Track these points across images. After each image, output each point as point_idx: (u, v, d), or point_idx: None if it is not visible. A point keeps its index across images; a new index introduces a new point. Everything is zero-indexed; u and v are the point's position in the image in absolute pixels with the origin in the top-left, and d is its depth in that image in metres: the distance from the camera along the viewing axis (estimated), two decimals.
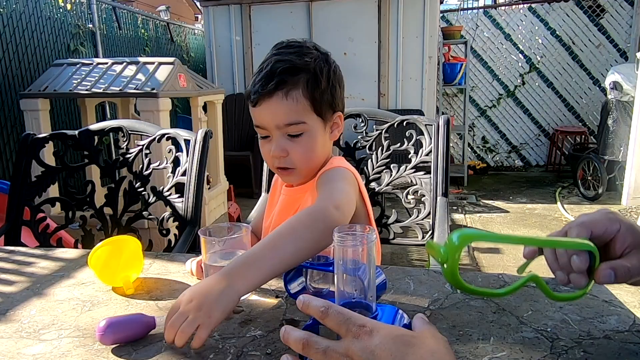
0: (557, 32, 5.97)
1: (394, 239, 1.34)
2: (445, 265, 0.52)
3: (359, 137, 1.42)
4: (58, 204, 1.57)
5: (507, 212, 4.39)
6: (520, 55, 6.15)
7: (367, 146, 1.41)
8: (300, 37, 1.02)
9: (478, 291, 0.57)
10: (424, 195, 1.35)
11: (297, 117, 0.92)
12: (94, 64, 3.30)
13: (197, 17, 10.75)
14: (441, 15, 5.97)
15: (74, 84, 3.11)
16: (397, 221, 1.34)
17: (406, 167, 1.38)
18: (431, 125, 1.38)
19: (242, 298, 0.76)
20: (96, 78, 3.14)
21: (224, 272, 0.67)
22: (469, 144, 6.40)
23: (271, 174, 1.30)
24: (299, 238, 0.72)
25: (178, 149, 1.42)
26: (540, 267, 0.62)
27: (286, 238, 0.72)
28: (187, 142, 1.43)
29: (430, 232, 1.32)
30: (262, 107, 0.92)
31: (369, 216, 1.02)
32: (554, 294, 0.60)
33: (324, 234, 0.72)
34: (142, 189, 1.44)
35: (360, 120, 1.44)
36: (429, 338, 0.48)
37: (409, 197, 1.35)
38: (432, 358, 0.46)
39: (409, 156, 1.39)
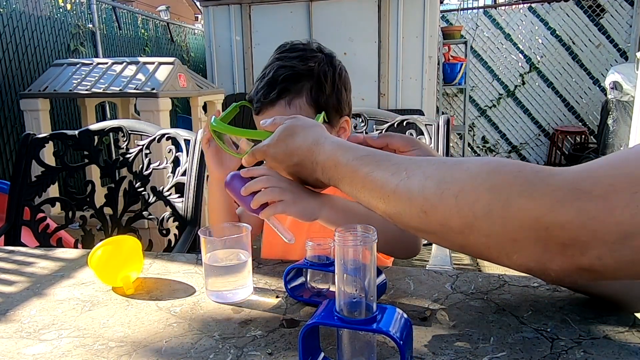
0: (557, 32, 5.97)
1: None
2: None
3: None
4: (58, 204, 1.57)
5: None
6: (520, 55, 6.15)
7: None
8: (300, 37, 1.01)
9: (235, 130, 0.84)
10: None
11: None
12: (94, 64, 3.30)
13: (197, 17, 10.75)
14: (441, 15, 5.97)
15: (74, 84, 3.11)
16: None
17: None
18: (431, 125, 1.38)
19: (242, 299, 0.76)
20: (96, 78, 3.14)
21: (322, 199, 0.76)
22: (469, 144, 6.40)
23: None
24: (387, 224, 0.80)
25: (178, 149, 1.42)
26: None
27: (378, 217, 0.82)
28: (187, 142, 1.43)
29: None
30: (265, 116, 0.91)
31: None
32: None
33: (401, 240, 0.83)
34: (142, 189, 1.44)
35: (360, 120, 1.44)
36: (298, 127, 0.72)
37: None
38: (297, 147, 0.70)
39: None
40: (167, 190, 1.42)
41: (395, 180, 0.58)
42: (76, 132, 1.51)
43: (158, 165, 1.44)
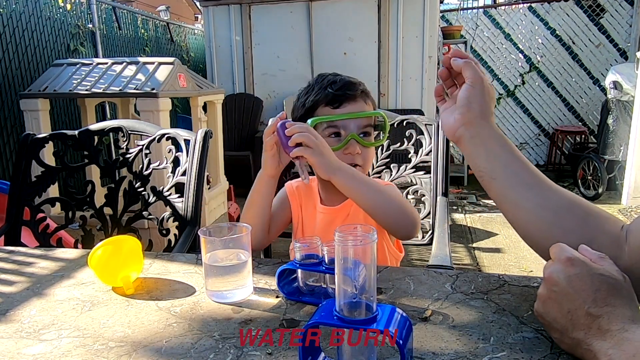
0: (557, 32, 5.96)
1: None
2: None
3: None
4: (58, 204, 1.57)
5: None
6: (520, 55, 6.15)
7: None
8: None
9: None
10: (424, 195, 1.35)
11: (371, 121, 1.06)
12: (94, 64, 3.30)
13: (197, 17, 10.75)
14: (441, 15, 5.97)
15: (74, 84, 3.10)
16: None
17: (406, 167, 1.38)
18: (431, 125, 1.38)
19: (242, 299, 0.76)
20: (96, 78, 3.14)
21: (341, 164, 0.92)
22: None
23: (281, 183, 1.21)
24: (391, 201, 0.94)
25: (178, 149, 1.42)
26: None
27: (385, 193, 0.94)
28: (187, 142, 1.43)
29: (430, 232, 1.32)
30: (347, 109, 1.04)
31: None
32: None
33: (402, 219, 0.95)
34: (142, 189, 1.44)
35: None
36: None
37: (409, 196, 1.35)
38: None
39: (409, 156, 1.39)
40: (167, 190, 1.42)
41: None
42: (76, 132, 1.51)
43: (158, 165, 1.44)
